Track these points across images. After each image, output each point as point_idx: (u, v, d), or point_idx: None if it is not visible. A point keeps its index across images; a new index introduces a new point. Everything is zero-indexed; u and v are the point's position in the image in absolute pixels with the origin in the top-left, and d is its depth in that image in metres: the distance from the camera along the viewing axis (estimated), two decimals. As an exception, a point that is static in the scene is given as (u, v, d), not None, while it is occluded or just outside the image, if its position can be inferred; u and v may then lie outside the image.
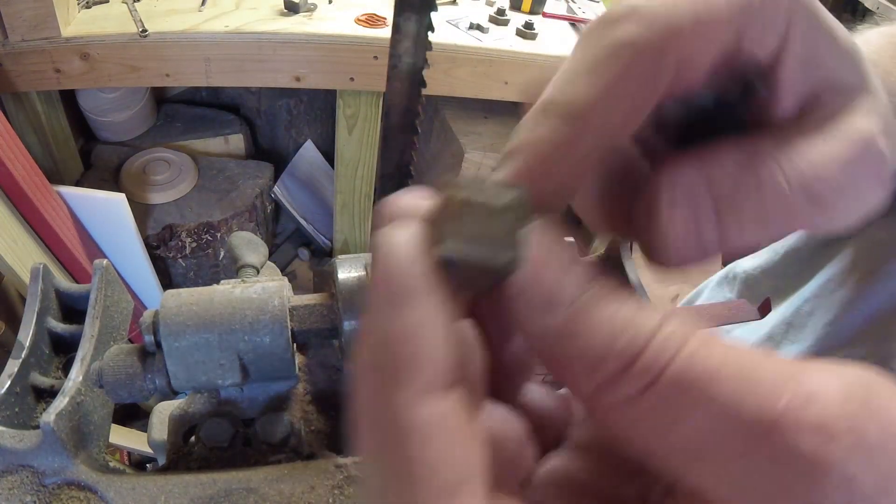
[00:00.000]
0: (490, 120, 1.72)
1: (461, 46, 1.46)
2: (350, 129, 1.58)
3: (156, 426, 0.51)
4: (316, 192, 2.05)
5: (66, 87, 1.34)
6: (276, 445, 0.42)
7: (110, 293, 0.46)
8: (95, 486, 0.38)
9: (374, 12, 1.49)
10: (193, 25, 1.34)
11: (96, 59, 1.29)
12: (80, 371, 0.41)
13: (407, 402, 0.15)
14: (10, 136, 1.12)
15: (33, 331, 0.43)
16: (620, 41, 0.17)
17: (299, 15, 1.44)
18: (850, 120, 0.20)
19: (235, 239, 0.51)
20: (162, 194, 1.60)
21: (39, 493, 0.37)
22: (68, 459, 0.38)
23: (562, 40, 1.61)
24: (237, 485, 0.38)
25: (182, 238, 1.56)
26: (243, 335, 0.38)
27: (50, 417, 0.37)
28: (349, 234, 1.84)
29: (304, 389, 0.46)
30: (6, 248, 1.13)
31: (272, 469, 0.39)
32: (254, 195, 1.70)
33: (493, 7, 1.63)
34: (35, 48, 1.23)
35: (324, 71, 1.44)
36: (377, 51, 1.40)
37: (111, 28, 1.29)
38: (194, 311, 0.38)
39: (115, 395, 0.39)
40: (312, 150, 2.06)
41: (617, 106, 0.18)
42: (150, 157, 1.66)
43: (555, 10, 1.69)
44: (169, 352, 0.38)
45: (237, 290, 0.40)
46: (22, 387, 0.42)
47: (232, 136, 1.84)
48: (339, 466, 0.40)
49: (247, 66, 1.40)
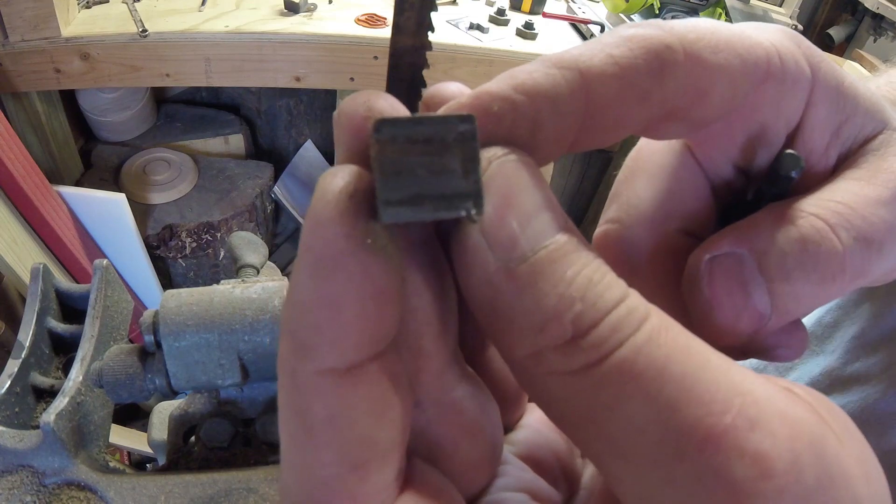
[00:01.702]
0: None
1: (461, 46, 1.46)
2: (350, 129, 1.58)
3: (156, 426, 0.51)
4: (316, 192, 2.05)
5: (66, 87, 1.34)
6: (276, 445, 0.42)
7: (110, 293, 0.46)
8: (95, 486, 0.38)
9: (374, 12, 1.50)
10: (193, 25, 1.34)
11: (96, 59, 1.29)
12: (80, 371, 0.41)
13: (309, 376, 0.13)
14: (10, 136, 1.12)
15: (33, 331, 0.43)
16: (639, 35, 0.17)
17: (299, 15, 1.44)
18: (882, 163, 0.20)
19: (235, 239, 0.51)
20: (162, 194, 1.60)
21: (39, 493, 0.37)
22: (68, 459, 0.38)
23: (562, 40, 1.61)
24: (237, 485, 0.38)
25: (182, 238, 1.56)
26: (243, 335, 0.38)
27: (50, 417, 0.37)
28: (349, 234, 1.83)
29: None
30: (6, 248, 1.13)
31: (272, 469, 0.39)
32: (254, 195, 1.70)
33: (493, 7, 1.63)
34: (35, 48, 1.23)
35: (324, 71, 1.44)
36: (377, 51, 1.41)
37: (111, 28, 1.29)
38: (194, 311, 0.38)
39: (115, 395, 0.39)
40: (312, 150, 2.06)
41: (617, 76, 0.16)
42: (150, 157, 1.66)
43: (555, 10, 1.69)
44: (169, 352, 0.38)
45: (237, 290, 0.40)
46: (22, 387, 0.42)
47: (232, 136, 1.84)
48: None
49: (247, 66, 1.40)
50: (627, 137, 0.19)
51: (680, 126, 0.19)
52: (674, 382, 0.13)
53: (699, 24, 0.18)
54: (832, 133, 0.21)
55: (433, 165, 0.14)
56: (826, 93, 0.20)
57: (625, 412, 0.13)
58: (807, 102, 0.20)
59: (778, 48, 0.19)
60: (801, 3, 2.48)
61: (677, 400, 0.12)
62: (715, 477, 0.12)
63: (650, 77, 0.17)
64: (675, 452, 0.12)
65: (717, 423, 0.12)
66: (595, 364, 0.13)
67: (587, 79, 0.16)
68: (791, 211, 0.19)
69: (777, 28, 0.20)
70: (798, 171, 0.20)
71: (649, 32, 0.17)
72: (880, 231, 0.18)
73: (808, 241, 0.18)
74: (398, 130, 0.13)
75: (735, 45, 0.18)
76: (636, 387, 0.13)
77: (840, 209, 0.18)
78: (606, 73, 0.16)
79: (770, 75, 0.18)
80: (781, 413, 0.13)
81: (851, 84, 0.20)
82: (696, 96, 0.18)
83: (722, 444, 0.12)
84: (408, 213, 0.13)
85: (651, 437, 0.13)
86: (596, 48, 0.17)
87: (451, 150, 0.14)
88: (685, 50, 0.17)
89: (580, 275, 0.14)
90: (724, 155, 0.21)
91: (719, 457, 0.12)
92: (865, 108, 0.21)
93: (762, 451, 0.12)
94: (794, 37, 0.20)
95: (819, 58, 0.20)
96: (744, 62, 0.18)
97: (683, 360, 0.13)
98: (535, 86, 0.16)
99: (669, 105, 0.17)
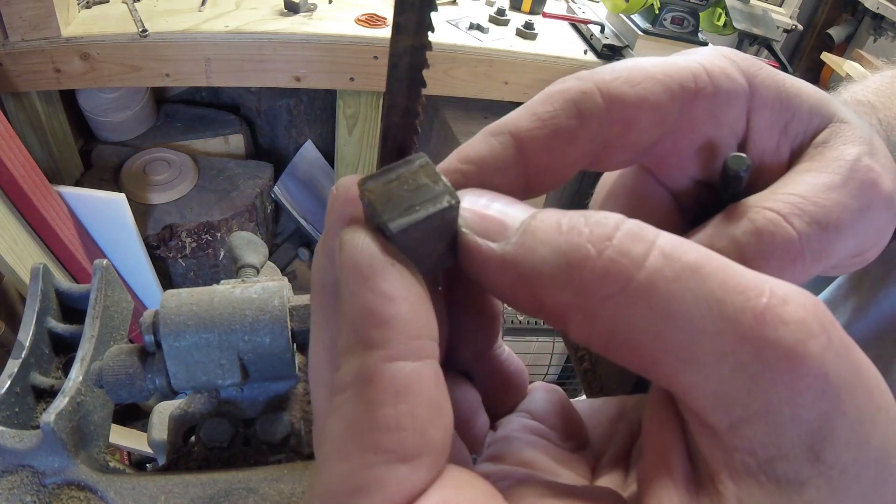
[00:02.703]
0: (490, 120, 1.70)
1: (461, 46, 1.46)
2: (350, 129, 1.58)
3: (156, 426, 0.51)
4: (316, 192, 2.05)
5: (66, 87, 1.34)
6: (276, 445, 0.42)
7: (110, 293, 0.46)
8: (95, 486, 0.38)
9: (374, 12, 1.50)
10: (193, 25, 1.34)
11: (96, 59, 1.29)
12: (80, 371, 0.41)
13: (377, 363, 0.15)
14: (10, 136, 1.12)
15: (33, 331, 0.43)
16: (559, 90, 0.20)
17: (299, 15, 1.44)
18: (832, 152, 0.21)
19: (235, 239, 0.51)
20: (162, 194, 1.60)
21: (39, 493, 0.37)
22: (68, 459, 0.38)
23: (562, 40, 1.62)
24: (237, 485, 0.38)
25: (182, 238, 1.56)
26: (243, 335, 0.38)
27: (50, 417, 0.37)
28: (349, 234, 1.83)
29: (304, 389, 0.46)
30: (6, 248, 1.13)
31: (272, 469, 0.39)
32: (254, 195, 1.70)
33: (493, 7, 1.63)
34: (35, 48, 1.23)
35: (324, 71, 1.44)
36: (377, 51, 1.41)
37: (111, 28, 1.29)
38: (194, 311, 0.38)
39: (115, 395, 0.39)
40: (312, 150, 2.06)
41: (548, 136, 0.20)
42: (150, 157, 1.66)
43: (555, 10, 1.69)
44: (169, 352, 0.38)
45: (237, 290, 0.40)
46: (22, 387, 0.42)
47: (232, 136, 1.84)
48: (339, 466, 0.40)
49: (247, 66, 1.40)
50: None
51: (622, 154, 0.21)
52: (712, 278, 0.15)
53: (618, 65, 0.21)
54: (780, 132, 0.22)
55: (410, 186, 0.17)
56: (767, 97, 0.22)
57: (682, 314, 0.14)
58: (748, 109, 0.22)
59: (706, 67, 0.21)
60: (801, 3, 2.48)
61: (721, 291, 0.14)
62: (773, 348, 0.14)
63: (572, 122, 0.20)
64: (736, 338, 0.14)
65: (759, 304, 0.14)
66: (636, 271, 0.15)
67: (517, 138, 0.20)
68: (746, 208, 0.20)
69: (710, 49, 0.22)
70: (745, 169, 0.21)
71: (567, 85, 0.20)
72: (834, 213, 0.20)
73: (762, 232, 0.19)
74: (377, 178, 0.18)
75: (654, 75, 0.20)
76: (682, 287, 0.15)
77: (792, 199, 0.20)
78: (533, 129, 0.20)
79: (700, 92, 0.21)
80: (796, 291, 0.15)
81: (793, 85, 0.22)
82: (623, 126, 0.20)
83: (769, 319, 0.14)
84: (409, 219, 0.17)
85: (711, 331, 0.14)
86: (523, 111, 0.20)
87: (418, 174, 0.18)
88: (601, 90, 0.20)
89: (572, 215, 0.16)
90: (679, 170, 0.24)
91: (769, 329, 0.14)
92: (810, 104, 0.22)
93: (799, 317, 0.14)
94: (727, 53, 0.22)
95: (756, 67, 0.22)
96: (666, 88, 0.20)
97: (710, 260, 0.15)
98: (477, 154, 0.20)
99: (600, 139, 0.20)
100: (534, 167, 0.20)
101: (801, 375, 0.14)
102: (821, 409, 0.14)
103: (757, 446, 0.14)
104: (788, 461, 0.14)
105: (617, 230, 0.15)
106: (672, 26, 1.54)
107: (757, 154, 0.23)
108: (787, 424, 0.14)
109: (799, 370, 0.14)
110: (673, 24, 1.54)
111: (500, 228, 0.17)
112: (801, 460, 0.14)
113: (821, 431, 0.14)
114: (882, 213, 0.21)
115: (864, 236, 0.21)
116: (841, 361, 0.14)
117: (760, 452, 0.14)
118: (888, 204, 0.21)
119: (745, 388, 0.14)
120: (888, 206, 0.21)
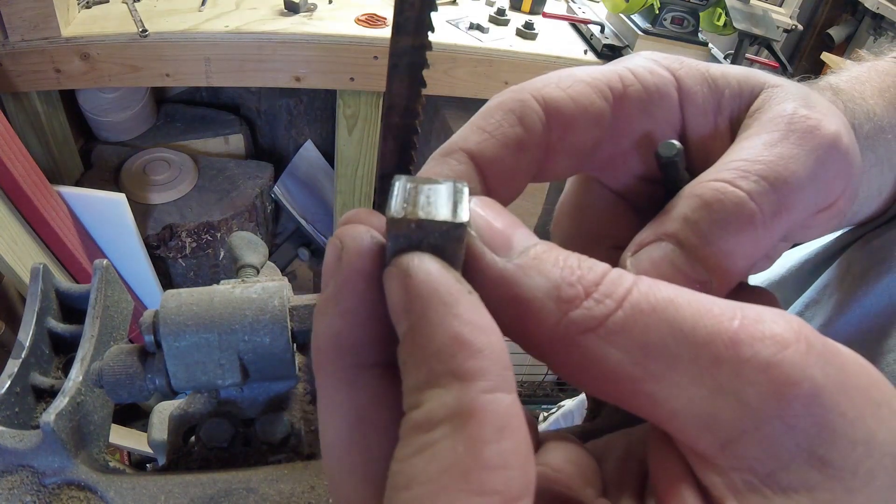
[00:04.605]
0: (490, 120, 1.71)
1: (461, 46, 1.46)
2: (350, 129, 1.58)
3: (156, 426, 0.51)
4: (316, 192, 2.05)
5: (66, 87, 1.34)
6: (276, 445, 0.43)
7: (110, 293, 0.46)
8: (95, 486, 0.38)
9: (374, 12, 1.49)
10: (193, 25, 1.34)
11: (96, 59, 1.29)
12: (80, 371, 0.41)
13: (479, 394, 0.14)
14: (10, 136, 1.12)
15: (33, 331, 0.43)
16: (497, 103, 0.22)
17: (299, 15, 1.44)
18: (767, 114, 0.22)
19: (235, 239, 0.51)
20: (162, 194, 1.60)
21: (39, 493, 0.37)
22: (68, 459, 0.38)
23: (562, 40, 1.61)
24: (237, 485, 0.38)
25: (182, 238, 1.56)
26: (243, 335, 0.38)
27: (50, 417, 0.37)
28: (349, 234, 1.83)
29: (304, 389, 0.46)
30: (6, 248, 1.13)
31: (272, 469, 0.39)
32: (254, 195, 1.70)
33: (493, 7, 1.63)
34: (35, 48, 1.23)
35: (324, 71, 1.44)
36: (377, 51, 1.40)
37: (111, 28, 1.29)
38: (194, 311, 0.38)
39: (115, 395, 0.39)
40: (312, 150, 2.06)
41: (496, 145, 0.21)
42: (150, 157, 1.66)
43: (555, 10, 1.69)
44: (169, 352, 0.38)
45: (237, 290, 0.40)
46: (22, 387, 0.42)
47: (232, 136, 1.84)
48: (339, 466, 0.40)
49: (247, 66, 1.39)
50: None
51: (566, 159, 0.22)
52: (686, 308, 0.15)
53: (549, 74, 0.22)
54: (714, 112, 0.23)
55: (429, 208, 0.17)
56: (693, 83, 0.23)
57: (657, 343, 0.15)
58: (679, 99, 0.23)
59: (630, 68, 0.23)
60: (801, 3, 2.48)
61: (694, 319, 0.15)
62: (750, 364, 0.14)
63: (517, 129, 0.21)
64: (711, 360, 0.15)
65: (731, 326, 0.15)
66: (616, 308, 0.15)
67: (470, 153, 0.21)
68: (692, 187, 0.21)
69: (635, 55, 0.24)
70: (676, 154, 0.21)
71: (503, 97, 0.21)
72: (780, 165, 0.20)
73: (711, 203, 0.20)
74: (400, 227, 0.17)
75: (583, 79, 0.22)
76: (658, 319, 0.15)
77: (735, 164, 0.20)
78: (482, 142, 0.21)
79: (627, 90, 0.22)
80: (771, 311, 0.15)
81: (718, 68, 0.24)
82: (562, 129, 0.21)
83: (743, 338, 0.15)
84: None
85: (687, 357, 0.15)
86: (468, 128, 0.21)
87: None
88: (535, 97, 0.21)
89: (570, 256, 0.17)
90: (625, 171, 0.24)
91: (744, 348, 0.14)
92: (738, 79, 0.23)
93: (773, 331, 0.15)
94: (649, 55, 0.23)
95: (678, 62, 0.23)
96: (594, 88, 0.22)
97: (684, 295, 0.16)
98: (443, 174, 0.21)
99: (544, 144, 0.21)
100: (490, 180, 0.21)
101: (784, 385, 0.14)
102: (814, 414, 0.14)
103: (754, 463, 0.14)
104: (792, 471, 0.14)
105: (604, 276, 0.16)
106: (672, 26, 1.54)
107: (697, 139, 0.23)
108: (782, 436, 0.14)
109: (781, 381, 0.14)
110: (673, 24, 1.54)
111: (505, 245, 0.17)
112: (805, 467, 0.14)
113: (820, 436, 0.14)
114: (833, 157, 0.21)
115: (824, 185, 0.21)
116: (825, 365, 0.14)
117: (759, 468, 0.14)
118: (836, 146, 0.21)
119: (729, 408, 0.14)
120: (836, 148, 0.21)
